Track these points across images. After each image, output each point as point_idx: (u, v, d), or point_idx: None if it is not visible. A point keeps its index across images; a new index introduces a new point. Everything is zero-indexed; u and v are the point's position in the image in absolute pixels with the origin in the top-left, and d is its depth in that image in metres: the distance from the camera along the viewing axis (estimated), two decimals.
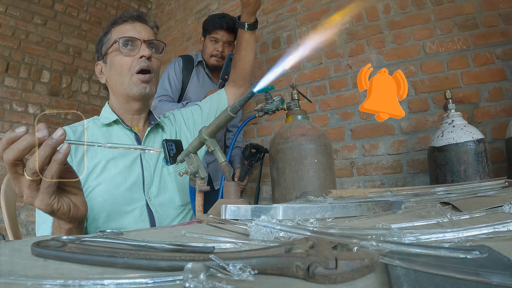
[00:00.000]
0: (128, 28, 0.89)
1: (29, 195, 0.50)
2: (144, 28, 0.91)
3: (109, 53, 0.91)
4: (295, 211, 0.43)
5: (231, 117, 0.61)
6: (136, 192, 0.87)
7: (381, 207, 0.48)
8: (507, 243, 0.26)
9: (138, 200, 0.86)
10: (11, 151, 0.46)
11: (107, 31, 0.93)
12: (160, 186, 0.91)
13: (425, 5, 1.74)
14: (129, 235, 0.39)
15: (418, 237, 0.28)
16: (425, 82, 1.72)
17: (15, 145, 0.46)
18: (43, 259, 0.25)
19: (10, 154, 0.46)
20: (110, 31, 0.92)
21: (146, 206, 0.87)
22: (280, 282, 0.19)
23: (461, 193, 0.61)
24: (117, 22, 0.92)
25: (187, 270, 0.17)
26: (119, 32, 0.89)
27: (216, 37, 1.81)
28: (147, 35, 0.90)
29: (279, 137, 0.96)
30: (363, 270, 0.18)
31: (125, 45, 0.87)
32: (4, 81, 2.36)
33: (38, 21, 2.57)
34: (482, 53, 1.58)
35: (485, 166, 1.13)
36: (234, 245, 0.30)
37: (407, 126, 1.75)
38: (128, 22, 0.91)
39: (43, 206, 0.51)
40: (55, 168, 0.48)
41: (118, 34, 0.89)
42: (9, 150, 0.46)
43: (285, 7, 2.27)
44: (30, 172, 0.47)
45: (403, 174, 1.75)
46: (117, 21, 0.92)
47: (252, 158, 2.05)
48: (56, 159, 0.48)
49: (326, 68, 2.05)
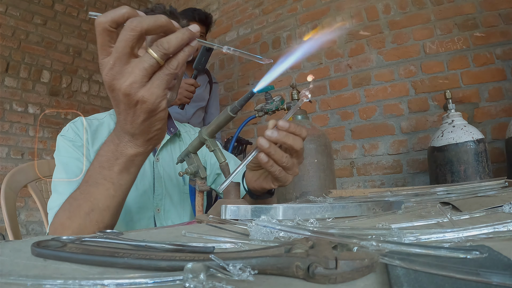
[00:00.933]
0: None
1: (138, 80, 0.40)
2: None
3: None
4: (295, 211, 0.43)
5: (231, 117, 0.61)
6: (145, 202, 0.84)
7: (381, 207, 0.48)
8: (507, 243, 0.26)
9: (146, 211, 0.84)
10: (147, 20, 0.39)
11: None
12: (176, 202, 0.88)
13: (425, 5, 1.74)
14: (129, 235, 0.39)
15: (418, 237, 0.28)
16: (425, 82, 1.72)
17: (151, 17, 0.40)
18: (43, 259, 0.25)
19: (142, 22, 0.39)
20: None
21: (153, 218, 0.85)
22: (280, 282, 0.19)
23: (461, 193, 0.61)
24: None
25: (187, 270, 0.17)
26: None
27: None
28: None
29: None
30: (363, 270, 0.18)
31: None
32: (4, 81, 2.36)
33: (38, 21, 2.57)
34: (482, 53, 1.58)
35: (485, 166, 1.13)
36: (234, 245, 0.30)
37: (407, 126, 1.75)
38: None
39: (153, 97, 0.41)
40: (183, 59, 0.41)
41: None
42: (142, 18, 0.39)
43: (285, 7, 2.27)
44: (160, 52, 0.39)
45: (403, 174, 1.75)
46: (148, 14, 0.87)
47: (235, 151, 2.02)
48: (187, 51, 0.41)
49: (326, 68, 2.05)
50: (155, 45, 0.40)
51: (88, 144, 0.80)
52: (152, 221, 0.85)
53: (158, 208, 0.86)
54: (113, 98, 0.43)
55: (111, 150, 0.49)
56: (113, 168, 0.49)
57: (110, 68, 0.40)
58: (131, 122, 0.44)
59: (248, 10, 2.50)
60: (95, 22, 0.39)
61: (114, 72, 0.40)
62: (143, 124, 0.45)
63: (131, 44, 0.39)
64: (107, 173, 0.50)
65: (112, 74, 0.40)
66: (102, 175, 0.50)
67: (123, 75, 0.40)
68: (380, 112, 1.83)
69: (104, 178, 0.50)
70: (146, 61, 0.40)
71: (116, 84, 0.40)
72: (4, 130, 2.34)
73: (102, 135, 0.84)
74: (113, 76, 0.40)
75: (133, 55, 0.40)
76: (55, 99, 2.63)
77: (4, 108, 2.35)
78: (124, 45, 0.39)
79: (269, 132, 0.53)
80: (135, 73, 0.40)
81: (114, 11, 0.39)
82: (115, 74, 0.40)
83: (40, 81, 2.55)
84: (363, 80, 1.91)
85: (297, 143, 0.56)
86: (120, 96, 0.41)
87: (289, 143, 0.55)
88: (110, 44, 0.40)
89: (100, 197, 0.51)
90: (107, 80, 0.41)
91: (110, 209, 0.52)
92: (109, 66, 0.40)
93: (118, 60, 0.39)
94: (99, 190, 0.51)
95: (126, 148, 0.48)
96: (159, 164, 0.89)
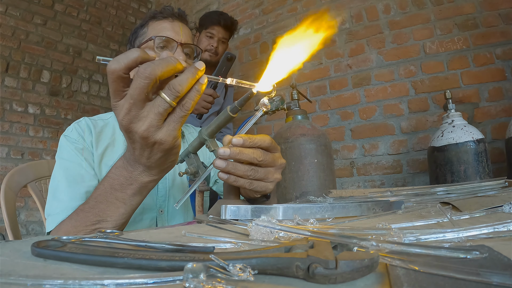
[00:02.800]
0: (166, 27, 0.84)
1: (154, 124, 0.41)
2: (183, 29, 0.85)
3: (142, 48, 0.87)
4: (295, 211, 0.43)
5: (231, 117, 0.61)
6: (149, 203, 0.83)
7: (381, 207, 0.48)
8: (507, 243, 0.26)
9: (149, 211, 0.83)
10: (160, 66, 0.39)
11: (144, 24, 0.87)
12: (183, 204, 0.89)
13: (425, 5, 1.74)
14: (129, 235, 0.39)
15: (418, 237, 0.28)
16: (425, 82, 1.72)
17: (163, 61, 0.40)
18: (43, 259, 0.25)
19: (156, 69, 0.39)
20: (147, 24, 0.86)
21: (156, 218, 0.84)
22: (280, 282, 0.19)
23: (461, 193, 0.61)
24: (156, 17, 0.86)
25: (187, 270, 0.17)
26: (157, 28, 0.84)
27: (212, 32, 1.80)
28: (185, 38, 0.85)
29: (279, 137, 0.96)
30: (363, 270, 0.18)
31: (160, 45, 0.82)
32: (4, 81, 2.36)
33: (38, 21, 2.57)
34: (482, 53, 1.58)
35: (485, 166, 1.13)
36: (234, 245, 0.30)
37: (407, 126, 1.75)
38: (168, 19, 0.85)
39: (169, 139, 0.43)
40: (195, 98, 0.42)
41: (155, 30, 0.84)
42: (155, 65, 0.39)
43: (285, 7, 2.27)
44: (173, 95, 0.40)
45: (403, 174, 1.75)
46: (157, 16, 0.86)
47: None
48: (198, 89, 0.42)
49: (326, 68, 2.05)
50: (168, 89, 0.41)
51: (92, 148, 0.80)
52: (154, 222, 0.84)
53: (161, 209, 0.86)
54: (129, 138, 0.44)
55: (124, 176, 0.50)
56: (125, 191, 0.51)
57: (126, 113, 0.41)
58: (148, 158, 0.46)
59: (248, 10, 2.50)
60: (108, 68, 0.40)
61: (130, 116, 0.41)
62: (159, 160, 0.47)
63: (145, 91, 0.40)
64: (120, 194, 0.51)
65: (128, 118, 0.42)
66: (114, 196, 0.51)
67: (140, 119, 0.42)
68: (380, 112, 1.83)
69: (116, 199, 0.52)
70: (161, 106, 0.41)
71: (133, 127, 0.42)
72: (4, 130, 2.34)
73: (107, 136, 0.84)
74: (129, 121, 0.42)
75: (148, 99, 0.41)
76: (55, 99, 2.63)
77: (4, 108, 2.36)
78: (139, 92, 0.40)
79: (221, 151, 0.51)
80: (151, 117, 0.41)
81: (126, 56, 0.40)
82: (132, 118, 0.42)
83: (40, 81, 2.55)
84: (363, 80, 1.91)
85: (256, 155, 0.53)
86: (137, 138, 0.43)
87: (244, 159, 0.53)
88: (124, 89, 0.41)
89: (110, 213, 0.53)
90: (124, 124, 0.42)
91: (118, 224, 0.54)
92: (125, 111, 0.41)
93: (133, 106, 0.41)
94: (109, 208, 0.52)
95: (141, 176, 0.50)
96: None
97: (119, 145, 0.84)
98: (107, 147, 0.82)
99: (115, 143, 0.84)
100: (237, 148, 0.52)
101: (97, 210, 0.53)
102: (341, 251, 0.22)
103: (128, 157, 0.49)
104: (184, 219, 0.89)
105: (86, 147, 0.79)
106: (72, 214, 0.59)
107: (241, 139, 0.53)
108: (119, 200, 0.51)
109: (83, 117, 0.85)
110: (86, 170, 0.75)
